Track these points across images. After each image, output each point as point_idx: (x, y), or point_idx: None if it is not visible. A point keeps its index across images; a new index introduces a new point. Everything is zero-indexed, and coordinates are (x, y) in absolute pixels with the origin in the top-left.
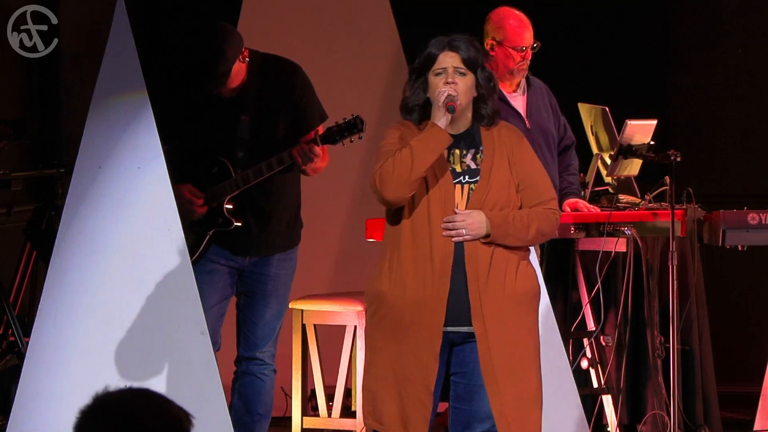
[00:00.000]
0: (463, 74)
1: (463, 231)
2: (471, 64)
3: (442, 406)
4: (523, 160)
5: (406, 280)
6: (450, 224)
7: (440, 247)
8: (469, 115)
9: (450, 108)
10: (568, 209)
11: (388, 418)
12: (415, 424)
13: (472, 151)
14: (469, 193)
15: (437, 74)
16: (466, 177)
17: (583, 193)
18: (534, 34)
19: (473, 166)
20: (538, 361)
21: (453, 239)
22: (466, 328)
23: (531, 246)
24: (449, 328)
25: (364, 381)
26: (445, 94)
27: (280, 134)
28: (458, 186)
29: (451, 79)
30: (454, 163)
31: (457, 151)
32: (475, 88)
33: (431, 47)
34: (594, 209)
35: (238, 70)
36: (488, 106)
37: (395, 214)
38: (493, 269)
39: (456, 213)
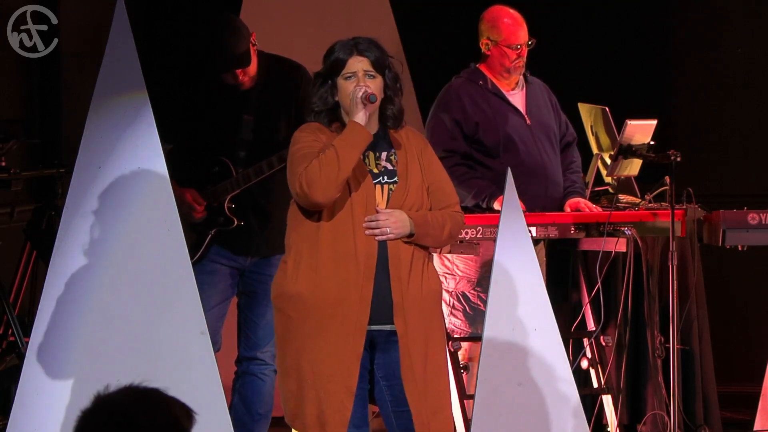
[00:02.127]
0: (372, 77)
1: (387, 230)
2: (379, 67)
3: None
4: (432, 164)
5: (328, 280)
6: (374, 223)
7: (364, 246)
8: (377, 117)
9: (371, 97)
10: (569, 209)
11: (310, 419)
12: (332, 425)
13: (385, 153)
14: (389, 193)
15: (347, 78)
16: (385, 177)
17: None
18: (534, 33)
19: (390, 167)
20: (446, 359)
21: (377, 238)
22: (389, 326)
23: (443, 246)
24: (372, 327)
25: (284, 383)
26: (362, 90)
27: (282, 134)
28: (378, 186)
29: (363, 83)
30: (370, 165)
31: (372, 154)
32: (383, 90)
33: (338, 52)
34: (596, 209)
35: (254, 55)
36: (395, 105)
37: (312, 214)
38: (413, 268)
39: (379, 212)
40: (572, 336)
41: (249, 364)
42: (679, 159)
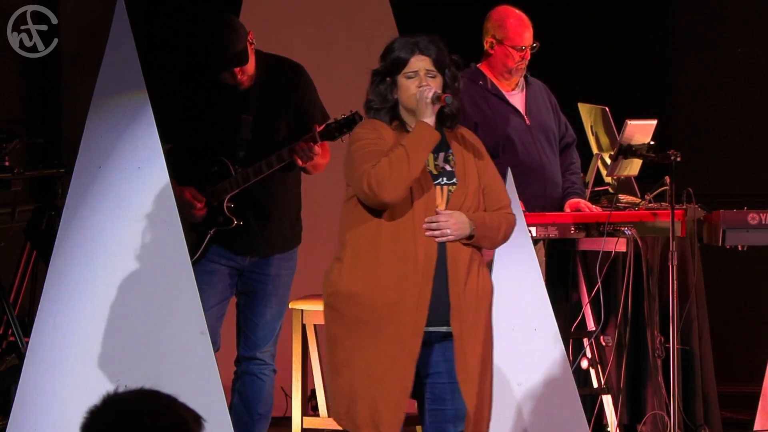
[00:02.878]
0: (433, 77)
1: (448, 231)
2: (440, 66)
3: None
4: (487, 166)
5: (387, 280)
6: (434, 224)
7: (424, 247)
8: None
9: (447, 99)
10: (568, 210)
11: (362, 419)
12: (388, 425)
13: (442, 153)
14: (448, 194)
15: (409, 77)
16: (444, 179)
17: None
18: (534, 33)
19: (448, 168)
20: (493, 362)
21: (437, 239)
22: (444, 327)
23: (496, 248)
24: (428, 329)
25: (334, 382)
26: (432, 91)
27: (282, 134)
28: (437, 187)
29: (425, 83)
30: (429, 166)
31: (431, 154)
32: (442, 89)
33: (399, 51)
34: (596, 209)
35: (251, 53)
36: (453, 105)
37: (371, 214)
38: (470, 270)
39: (438, 213)
40: (572, 336)
41: (249, 364)
42: (679, 159)
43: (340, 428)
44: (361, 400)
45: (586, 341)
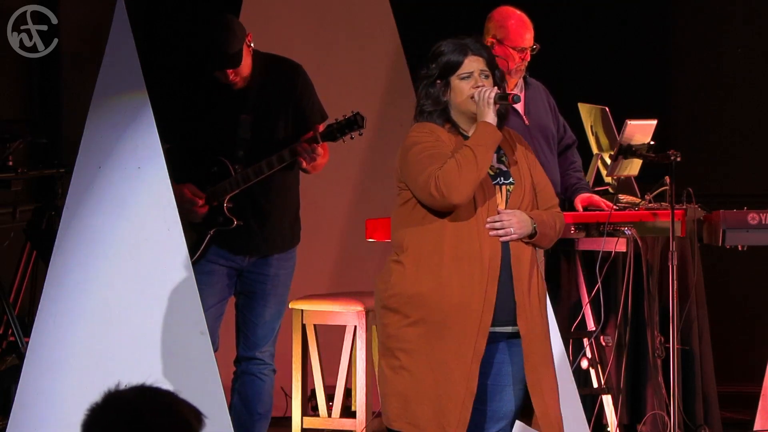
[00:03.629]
0: (487, 77)
1: (511, 230)
2: (492, 66)
3: None
4: (535, 165)
5: (451, 281)
6: (498, 223)
7: (489, 246)
8: None
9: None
10: (580, 206)
11: (424, 420)
12: (454, 425)
13: (495, 154)
14: (507, 194)
15: (463, 78)
16: (501, 179)
17: None
18: (534, 34)
19: (503, 168)
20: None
21: (501, 239)
22: (510, 327)
23: (551, 246)
24: (494, 329)
25: (392, 384)
26: (493, 91)
27: (281, 133)
28: (497, 187)
29: (481, 83)
30: None
31: None
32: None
33: (451, 53)
34: (608, 204)
35: (247, 56)
36: (503, 104)
37: (434, 216)
38: (532, 269)
39: (500, 212)
40: (572, 336)
41: (248, 364)
42: (679, 159)
43: (340, 428)
44: (425, 401)
45: (586, 341)
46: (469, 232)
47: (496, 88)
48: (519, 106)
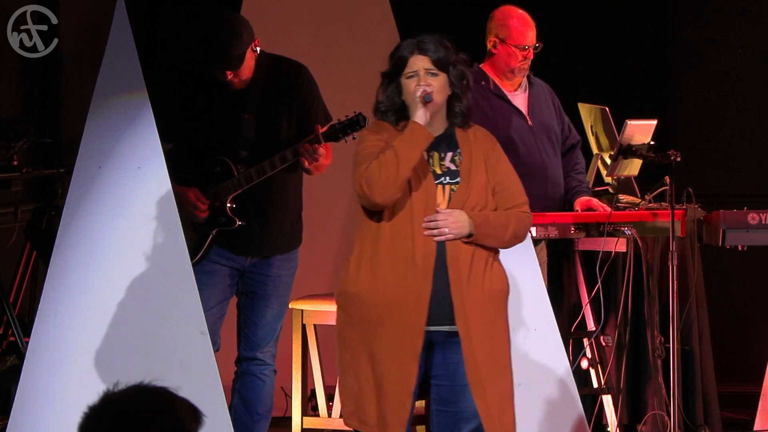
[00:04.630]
0: (434, 75)
1: (446, 230)
2: (441, 65)
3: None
4: (498, 164)
5: (387, 279)
6: (432, 223)
7: (422, 246)
8: (444, 115)
9: (426, 97)
10: (579, 208)
11: (371, 418)
12: (393, 425)
13: (450, 153)
14: (450, 194)
15: (409, 77)
16: (447, 178)
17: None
18: (536, 34)
19: (453, 167)
20: (510, 361)
21: (435, 238)
22: (447, 327)
23: (507, 248)
24: (430, 328)
25: (343, 382)
26: (421, 89)
27: (284, 134)
28: (439, 187)
29: (424, 82)
30: (433, 165)
31: (436, 154)
32: (448, 87)
33: (401, 50)
34: (606, 208)
35: (250, 60)
36: (462, 103)
37: (374, 214)
38: (473, 269)
39: (438, 212)
40: (572, 336)
41: (249, 365)
42: (679, 159)
43: (340, 428)
44: (367, 400)
45: (586, 341)
46: (404, 230)
47: (424, 87)
48: (522, 106)
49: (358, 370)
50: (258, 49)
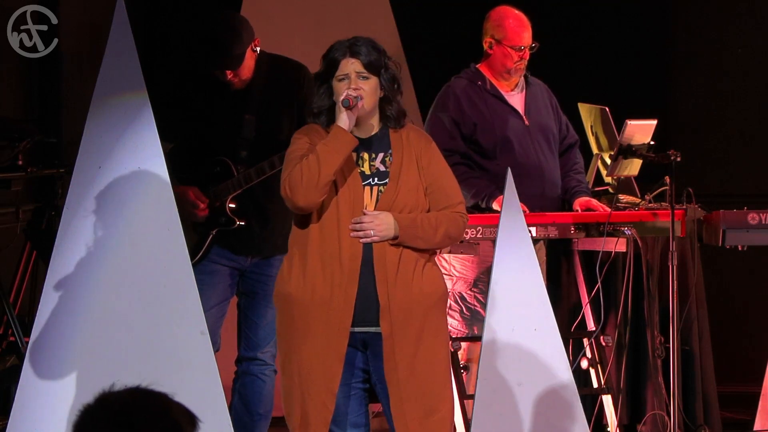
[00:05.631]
0: (366, 78)
1: (371, 232)
2: (373, 68)
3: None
4: (431, 164)
5: (315, 280)
6: (358, 225)
7: (349, 248)
8: (377, 117)
9: (344, 102)
10: (579, 209)
11: (294, 419)
12: (315, 425)
13: (382, 154)
14: (378, 195)
15: (340, 80)
16: (376, 179)
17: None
18: (534, 33)
19: (382, 168)
20: (446, 362)
21: (361, 240)
22: (374, 328)
23: (438, 249)
24: (357, 329)
25: (281, 381)
26: (344, 94)
27: (284, 134)
28: (367, 188)
29: (354, 85)
30: (362, 166)
31: (366, 155)
32: (379, 90)
33: (333, 53)
34: (605, 208)
35: (250, 60)
36: (393, 106)
37: (303, 216)
38: (401, 270)
39: (364, 214)
40: (572, 336)
41: (249, 365)
42: (679, 159)
43: None
44: (294, 400)
45: (586, 341)
46: (331, 232)
47: (347, 92)
48: (519, 106)
49: (288, 369)
50: (258, 48)
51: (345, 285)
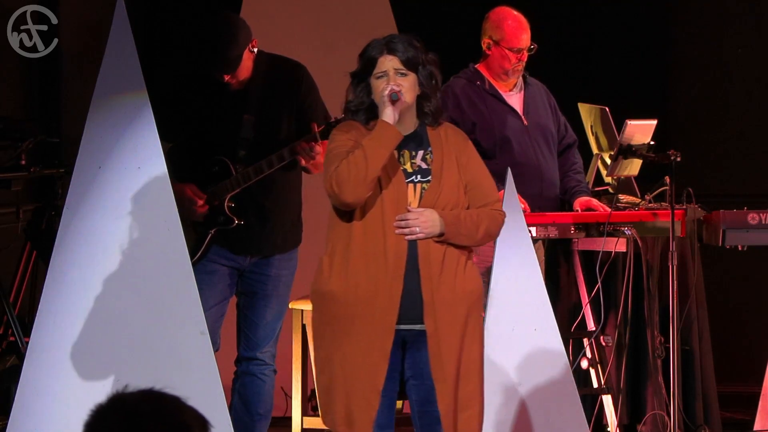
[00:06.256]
0: (404, 75)
1: (417, 229)
2: (411, 65)
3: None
4: (470, 162)
5: (358, 278)
6: (403, 222)
7: (394, 245)
8: (415, 114)
9: (393, 96)
10: (579, 209)
11: (338, 417)
12: (360, 423)
13: (422, 151)
14: (421, 192)
15: (379, 77)
16: (418, 176)
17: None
18: (534, 33)
19: (424, 165)
20: (482, 359)
21: (406, 237)
22: (419, 326)
23: (479, 246)
24: (401, 326)
25: (317, 380)
26: (389, 88)
27: (283, 134)
28: (410, 185)
29: (393, 82)
30: (404, 164)
31: (407, 152)
32: (417, 87)
33: (371, 51)
34: (606, 208)
35: (247, 61)
36: (431, 103)
37: (345, 213)
38: (445, 267)
39: (409, 211)
40: (572, 336)
41: (249, 365)
42: (679, 159)
43: None
44: (337, 398)
45: (586, 341)
46: (375, 230)
47: (392, 86)
48: (518, 106)
49: (330, 368)
50: (255, 50)
51: (390, 282)
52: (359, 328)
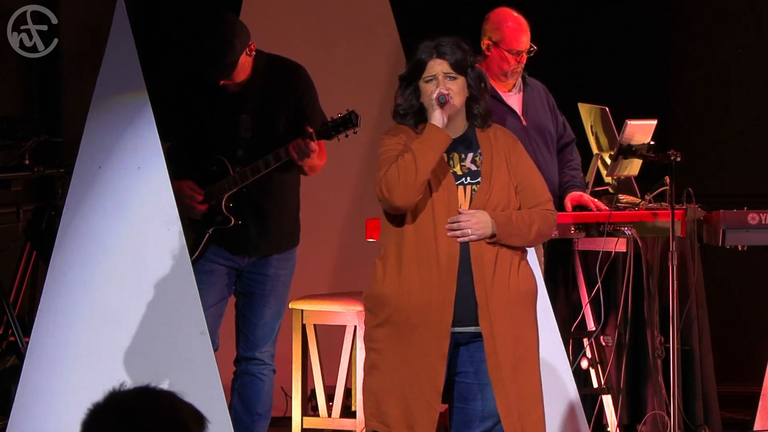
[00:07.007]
0: (453, 78)
1: (469, 231)
2: (460, 68)
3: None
4: (520, 162)
5: (412, 281)
6: (455, 224)
7: (446, 248)
8: (464, 117)
9: (441, 98)
10: (569, 204)
11: (393, 420)
12: (422, 424)
13: (471, 153)
14: (471, 194)
15: (428, 81)
16: (468, 179)
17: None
18: (534, 33)
19: (474, 168)
20: (539, 360)
21: (458, 240)
22: (473, 328)
23: (532, 246)
24: (456, 329)
25: (365, 383)
26: (437, 91)
27: (280, 133)
28: (461, 188)
29: (442, 86)
30: (454, 166)
31: (456, 155)
32: (466, 89)
33: (420, 54)
34: (598, 203)
35: (244, 63)
36: (480, 105)
37: (396, 217)
38: (498, 269)
39: (460, 213)
40: (572, 336)
41: (248, 364)
42: (679, 159)
43: (340, 428)
44: (393, 401)
45: (586, 341)
46: (427, 233)
47: (440, 89)
48: (517, 107)
49: (383, 371)
50: (253, 53)
51: (443, 285)
52: (414, 332)
